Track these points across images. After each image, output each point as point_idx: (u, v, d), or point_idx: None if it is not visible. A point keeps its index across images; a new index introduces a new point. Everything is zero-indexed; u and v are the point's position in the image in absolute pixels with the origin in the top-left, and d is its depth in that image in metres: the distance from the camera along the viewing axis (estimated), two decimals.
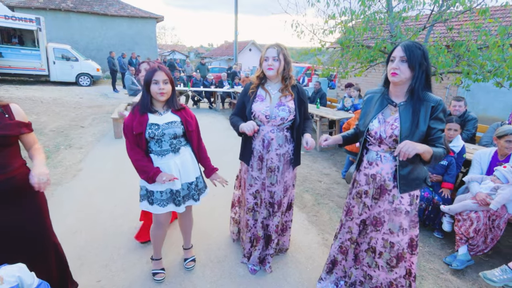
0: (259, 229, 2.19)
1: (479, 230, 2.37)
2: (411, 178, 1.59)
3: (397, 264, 1.67)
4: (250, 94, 2.06)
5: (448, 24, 6.18)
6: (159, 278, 2.13)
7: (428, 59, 1.50)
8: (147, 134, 1.80)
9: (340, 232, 1.94)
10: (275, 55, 1.92)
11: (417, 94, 1.50)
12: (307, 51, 7.51)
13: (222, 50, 30.77)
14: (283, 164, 2.09)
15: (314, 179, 4.17)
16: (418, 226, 1.68)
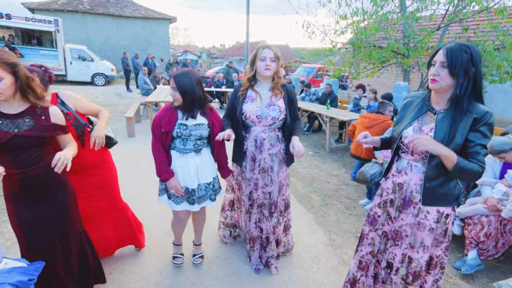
0: (253, 230, 2.21)
1: (490, 235, 2.33)
2: (441, 192, 1.45)
3: (412, 282, 1.57)
4: (240, 95, 2.06)
5: (464, 24, 6.05)
6: (178, 262, 2.28)
7: (478, 64, 1.30)
8: (174, 132, 1.90)
9: (361, 244, 1.78)
10: (273, 56, 1.94)
11: (461, 103, 1.34)
12: (318, 51, 7.50)
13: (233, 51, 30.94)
14: (277, 164, 2.11)
15: (323, 180, 4.17)
16: (443, 246, 1.54)
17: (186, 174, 1.97)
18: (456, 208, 1.54)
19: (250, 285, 2.14)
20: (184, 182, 1.97)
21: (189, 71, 1.89)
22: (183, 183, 1.97)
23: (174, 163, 1.97)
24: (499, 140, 2.41)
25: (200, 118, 1.95)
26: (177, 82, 1.84)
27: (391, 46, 6.11)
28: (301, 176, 4.28)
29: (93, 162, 1.98)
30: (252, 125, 2.07)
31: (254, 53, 2.00)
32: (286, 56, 28.03)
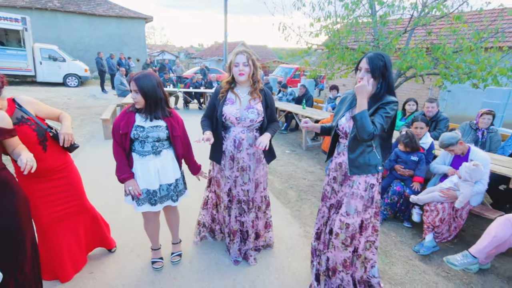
0: (233, 223, 2.34)
1: (444, 220, 2.61)
2: (361, 162, 1.78)
3: (350, 243, 1.86)
4: (220, 97, 2.17)
5: (427, 28, 6.49)
6: (157, 266, 2.31)
7: (390, 68, 1.69)
8: (132, 134, 1.94)
9: (317, 218, 2.13)
10: (245, 61, 2.07)
11: (377, 97, 1.72)
12: (294, 53, 7.74)
13: (212, 51, 30.81)
14: (254, 163, 2.25)
15: (299, 177, 4.37)
16: (371, 211, 1.85)
17: (147, 176, 2.01)
18: (379, 177, 1.86)
19: (229, 276, 2.27)
20: (145, 183, 2.01)
21: (150, 73, 1.93)
22: (144, 184, 2.01)
23: (135, 165, 2.01)
24: (447, 135, 2.70)
25: (158, 121, 1.99)
26: (138, 84, 1.86)
27: (362, 48, 6.44)
28: (278, 173, 4.45)
29: (56, 166, 1.96)
30: (232, 126, 2.19)
31: (230, 59, 2.16)
32: (264, 57, 28.30)
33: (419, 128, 3.16)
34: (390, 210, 3.12)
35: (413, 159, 2.99)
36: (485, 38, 5.72)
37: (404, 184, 3.05)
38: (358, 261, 1.96)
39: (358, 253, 1.94)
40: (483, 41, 5.71)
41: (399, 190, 3.02)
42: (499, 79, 5.20)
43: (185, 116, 7.87)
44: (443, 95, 11.11)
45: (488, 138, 3.51)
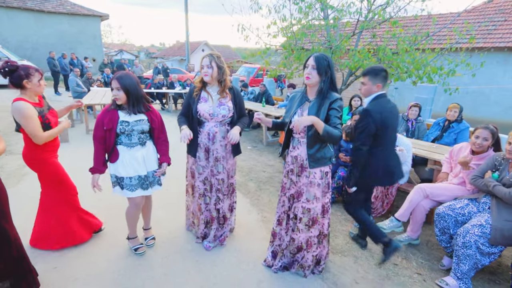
0: (212, 210, 2.56)
1: (378, 197, 3.07)
2: (318, 156, 2.05)
3: (312, 225, 2.15)
4: (194, 96, 2.43)
5: (372, 31, 7.17)
6: (142, 251, 2.50)
7: (332, 67, 1.98)
8: (118, 129, 2.16)
9: (277, 207, 2.36)
10: (208, 63, 2.32)
11: (323, 93, 1.99)
12: (254, 53, 8.06)
13: (174, 50, 30.17)
14: (227, 153, 2.51)
15: (259, 170, 4.67)
16: (329, 195, 2.17)
17: (136, 164, 2.26)
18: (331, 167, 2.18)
19: (191, 258, 2.48)
20: (135, 171, 2.26)
21: (128, 73, 2.18)
22: (134, 172, 2.26)
23: (123, 156, 2.23)
24: None
25: (140, 115, 2.25)
26: (121, 82, 2.10)
27: (315, 49, 6.95)
28: (239, 167, 4.72)
29: None
30: (206, 121, 2.44)
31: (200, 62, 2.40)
32: (228, 56, 28.41)
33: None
34: (337, 193, 3.53)
35: None
36: (418, 41, 6.48)
37: (347, 169, 3.48)
38: (325, 240, 2.28)
39: (324, 233, 2.24)
40: (417, 43, 6.47)
41: (343, 175, 3.45)
42: (432, 77, 5.97)
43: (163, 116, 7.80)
44: (391, 92, 12.23)
45: (417, 127, 4.11)
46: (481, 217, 2.25)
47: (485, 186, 2.30)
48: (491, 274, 2.45)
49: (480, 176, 2.36)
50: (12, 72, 2.10)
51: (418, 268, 2.49)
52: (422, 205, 2.64)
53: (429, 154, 3.26)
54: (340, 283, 2.27)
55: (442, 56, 6.34)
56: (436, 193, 2.62)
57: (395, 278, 2.36)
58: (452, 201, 2.50)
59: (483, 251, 2.16)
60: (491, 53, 8.56)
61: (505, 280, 2.38)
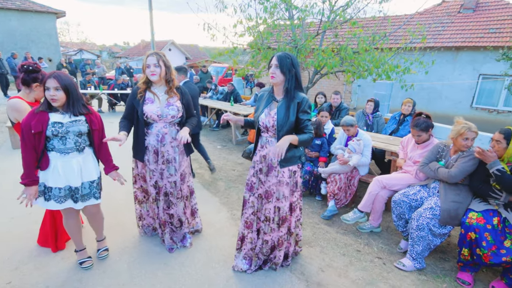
0: (162, 215, 2.47)
1: (341, 188, 3.22)
2: (288, 156, 2.04)
3: (283, 224, 2.17)
4: (139, 97, 2.28)
5: (334, 31, 7.46)
6: (88, 265, 2.30)
7: (296, 66, 1.95)
8: (49, 132, 1.92)
9: (245, 208, 2.27)
10: (155, 62, 2.23)
11: (290, 93, 1.98)
12: (222, 52, 8.03)
13: (139, 50, 29.06)
14: (178, 155, 2.44)
15: (229, 169, 4.68)
16: (296, 194, 2.20)
17: (69, 173, 2.02)
18: (300, 165, 2.21)
19: (160, 261, 2.44)
20: (67, 181, 2.02)
21: (64, 73, 2.00)
22: (66, 182, 2.02)
23: (55, 164, 1.99)
24: (349, 118, 3.32)
25: (79, 116, 2.03)
26: (60, 81, 1.90)
27: (281, 48, 7.08)
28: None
29: None
30: (154, 123, 2.34)
31: (143, 61, 2.29)
32: (196, 56, 27.95)
33: (324, 117, 3.77)
34: (304, 187, 3.65)
35: (317, 142, 3.57)
36: (377, 41, 6.86)
37: (313, 164, 3.61)
38: (291, 238, 2.31)
39: (291, 231, 2.28)
40: (375, 43, 6.84)
41: (309, 169, 3.57)
42: (390, 74, 6.36)
43: (112, 119, 7.47)
44: (355, 89, 12.82)
45: (375, 121, 4.36)
46: (431, 201, 2.46)
47: (430, 170, 2.52)
48: (441, 253, 2.69)
49: (427, 163, 2.58)
50: (32, 72, 2.25)
51: (379, 253, 2.66)
52: (381, 195, 2.82)
53: (386, 146, 3.49)
54: (307, 273, 2.35)
55: (398, 55, 6.77)
56: (392, 183, 2.81)
57: (358, 263, 2.50)
58: (406, 188, 2.70)
59: (434, 232, 2.36)
60: (441, 52, 9.32)
61: (453, 257, 2.62)
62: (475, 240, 2.14)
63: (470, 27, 10.04)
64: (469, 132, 2.27)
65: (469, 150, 2.34)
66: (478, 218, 2.16)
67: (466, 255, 2.24)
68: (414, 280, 2.32)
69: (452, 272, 2.42)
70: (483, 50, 9.20)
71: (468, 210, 2.27)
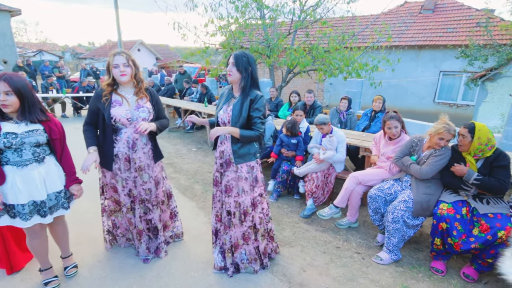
0: (138, 223, 2.35)
1: (319, 186, 3.25)
2: (242, 152, 2.08)
3: (245, 219, 2.18)
4: (104, 100, 2.12)
5: (305, 31, 7.56)
6: (54, 285, 2.11)
7: (253, 64, 2.00)
8: (1, 144, 1.73)
9: (214, 202, 2.30)
10: (125, 62, 2.11)
11: (246, 90, 2.02)
12: (194, 52, 7.84)
13: (105, 50, 27.72)
14: (150, 161, 2.32)
15: (205, 171, 4.57)
16: (258, 189, 2.19)
17: (32, 187, 1.85)
18: (259, 161, 2.22)
19: (135, 274, 2.29)
20: (30, 195, 1.85)
21: (16, 74, 1.80)
22: (29, 197, 1.85)
23: (13, 178, 1.80)
24: (322, 116, 3.35)
25: (35, 125, 1.85)
26: (12, 84, 1.72)
27: (254, 48, 7.06)
28: (184, 171, 4.55)
29: None
30: (123, 128, 2.18)
31: (107, 61, 2.13)
32: (167, 56, 27.22)
33: (299, 116, 3.78)
34: (282, 187, 3.64)
35: (293, 142, 3.57)
36: (346, 40, 7.04)
37: (290, 163, 3.61)
38: (258, 234, 2.27)
39: (256, 227, 2.25)
40: (345, 42, 7.03)
41: (287, 169, 3.56)
42: (360, 72, 6.55)
43: (77, 124, 7.02)
44: (327, 87, 13.14)
45: (348, 118, 4.47)
46: (404, 194, 2.54)
47: (403, 165, 2.60)
48: (415, 243, 2.79)
49: (400, 157, 2.67)
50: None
51: (357, 248, 2.71)
52: (357, 191, 2.87)
53: (360, 143, 3.57)
54: (289, 274, 2.33)
55: (366, 53, 7.01)
56: (367, 178, 2.88)
57: (338, 260, 2.52)
58: (380, 183, 2.77)
59: (408, 223, 2.44)
60: (405, 51, 9.80)
61: (426, 247, 2.73)
62: (446, 230, 2.24)
63: (430, 26, 10.65)
64: (447, 133, 2.35)
65: (441, 149, 2.44)
66: (449, 208, 2.26)
67: (439, 245, 2.33)
68: (392, 272, 2.38)
69: (426, 262, 2.52)
70: (442, 49, 9.80)
71: (439, 201, 2.37)
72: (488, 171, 2.23)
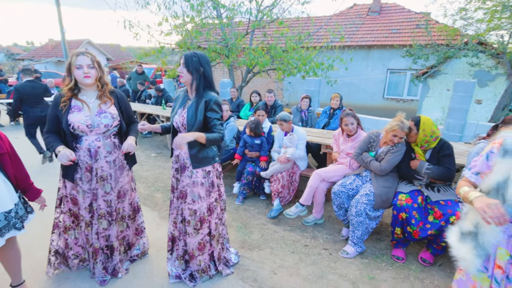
0: (95, 241, 2.14)
1: (284, 185, 3.25)
2: (200, 157, 2.00)
3: (201, 226, 2.08)
4: (62, 106, 1.94)
5: (263, 31, 7.59)
6: None
7: (204, 65, 1.91)
8: None
9: (170, 209, 2.20)
10: (90, 63, 1.93)
11: (199, 92, 1.93)
12: (148, 52, 7.43)
13: (47, 50, 25.20)
14: (115, 171, 2.13)
15: (166, 178, 4.33)
16: (214, 194, 2.11)
17: None
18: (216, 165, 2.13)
19: None
20: None
21: None
22: None
23: None
24: (284, 113, 3.36)
25: None
26: None
27: (212, 47, 6.90)
28: (143, 178, 4.26)
29: None
30: (83, 135, 1.99)
31: (68, 61, 1.93)
32: (119, 57, 25.63)
33: (261, 116, 3.75)
34: (248, 189, 3.59)
35: (257, 142, 3.54)
36: (302, 40, 7.21)
37: (254, 164, 3.57)
38: (213, 241, 2.19)
39: (212, 234, 2.16)
40: (301, 42, 7.20)
41: (251, 170, 3.51)
42: (317, 71, 6.76)
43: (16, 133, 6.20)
44: (286, 86, 13.42)
45: (309, 116, 4.56)
46: (366, 188, 2.63)
47: (363, 162, 2.70)
48: (377, 234, 2.92)
49: (360, 153, 2.77)
50: None
51: (325, 244, 2.76)
52: (321, 188, 2.93)
53: (321, 140, 3.65)
54: (260, 278, 2.28)
55: (322, 53, 7.26)
56: (330, 175, 2.95)
57: (307, 259, 2.54)
58: (342, 179, 2.85)
59: (370, 216, 2.54)
60: (356, 50, 10.37)
61: (387, 236, 2.87)
62: (405, 219, 2.37)
63: (377, 28, 11.42)
64: (400, 131, 2.47)
65: (397, 145, 2.56)
66: (407, 199, 2.39)
67: (399, 234, 2.46)
68: (358, 265, 2.46)
69: (388, 251, 2.65)
70: (389, 48, 10.56)
71: (397, 192, 2.50)
72: (436, 161, 2.41)
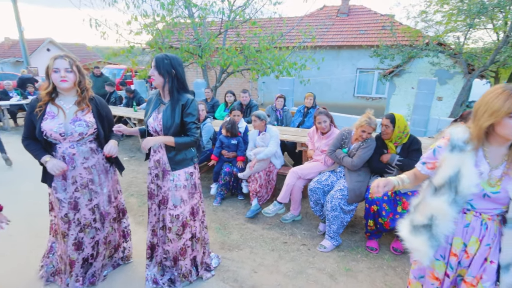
0: (71, 253, 2.02)
1: (262, 185, 3.28)
2: (179, 158, 1.98)
3: (183, 231, 2.04)
4: (37, 111, 1.86)
5: (236, 31, 7.58)
6: None
7: (177, 67, 1.86)
8: None
9: (149, 216, 2.17)
10: (68, 67, 1.84)
11: (174, 95, 1.89)
12: (116, 52, 7.13)
13: (4, 50, 23.33)
14: (99, 175, 2.05)
15: (140, 182, 4.20)
16: (197, 196, 2.10)
17: None
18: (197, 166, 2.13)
19: None
20: None
21: None
22: None
23: None
24: (261, 112, 3.39)
25: None
26: None
27: (184, 47, 6.77)
28: None
29: None
30: (57, 142, 1.91)
31: (47, 64, 1.84)
32: (85, 57, 24.33)
33: (237, 116, 3.75)
34: (225, 189, 3.57)
35: (233, 142, 3.53)
36: (275, 40, 7.30)
37: (231, 164, 3.56)
38: (198, 244, 2.16)
39: (197, 236, 2.13)
40: (274, 42, 7.28)
41: (228, 170, 3.50)
42: (290, 71, 6.87)
43: None
44: (261, 86, 13.51)
45: (284, 115, 4.64)
46: (340, 183, 2.73)
47: (337, 158, 2.80)
48: (351, 227, 3.04)
49: (334, 150, 2.86)
50: None
51: (303, 240, 2.82)
52: (297, 185, 2.99)
53: (296, 138, 3.73)
54: (241, 278, 2.29)
55: (294, 53, 7.39)
56: (306, 172, 3.02)
57: (286, 255, 2.58)
58: (318, 175, 2.93)
59: (345, 210, 2.63)
60: (327, 50, 10.68)
61: (361, 228, 3.00)
62: (377, 212, 2.49)
63: (346, 29, 11.84)
64: (368, 126, 2.59)
65: (366, 141, 2.69)
66: None
67: (372, 226, 2.58)
68: (336, 258, 2.55)
69: (362, 242, 2.77)
70: (358, 48, 10.99)
71: (369, 187, 2.62)
72: (406, 155, 2.56)
